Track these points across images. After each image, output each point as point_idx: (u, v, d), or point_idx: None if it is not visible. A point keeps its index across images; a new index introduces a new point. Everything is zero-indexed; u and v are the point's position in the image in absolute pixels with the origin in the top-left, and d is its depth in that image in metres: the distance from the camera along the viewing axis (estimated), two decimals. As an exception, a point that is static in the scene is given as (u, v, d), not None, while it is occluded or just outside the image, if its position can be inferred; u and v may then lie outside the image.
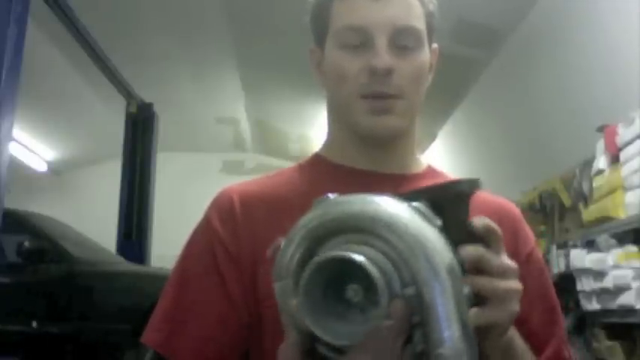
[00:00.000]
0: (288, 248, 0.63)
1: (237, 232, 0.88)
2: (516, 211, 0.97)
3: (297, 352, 0.61)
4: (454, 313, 0.59)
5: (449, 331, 0.59)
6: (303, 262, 0.61)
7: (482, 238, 0.65)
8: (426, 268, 0.59)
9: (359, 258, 0.58)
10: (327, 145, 0.98)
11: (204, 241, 0.90)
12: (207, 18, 6.01)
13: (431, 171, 0.99)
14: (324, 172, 0.95)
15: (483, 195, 0.94)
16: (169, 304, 0.88)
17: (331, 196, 0.64)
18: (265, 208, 0.90)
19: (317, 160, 0.98)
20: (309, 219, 0.63)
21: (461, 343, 0.59)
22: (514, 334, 0.77)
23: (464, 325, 0.60)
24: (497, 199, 0.97)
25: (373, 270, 0.58)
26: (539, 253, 0.95)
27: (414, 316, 0.59)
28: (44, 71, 6.30)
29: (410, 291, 0.59)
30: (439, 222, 0.62)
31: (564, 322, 0.95)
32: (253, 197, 0.91)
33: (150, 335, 0.87)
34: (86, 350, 5.04)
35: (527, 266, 0.89)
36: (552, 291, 0.95)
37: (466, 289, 0.61)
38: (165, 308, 0.88)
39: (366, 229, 0.61)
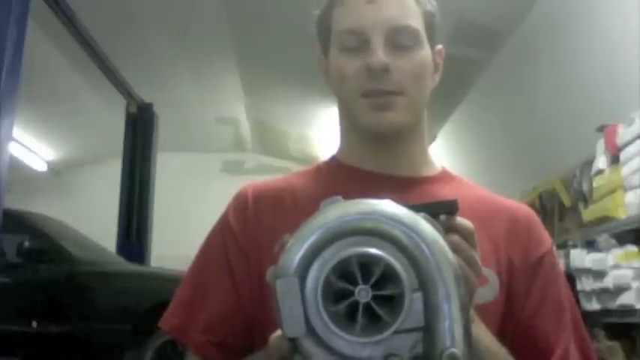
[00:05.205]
0: (294, 248, 0.63)
1: (247, 225, 0.92)
2: (532, 215, 0.97)
3: (286, 346, 0.62)
4: (460, 316, 0.61)
5: (457, 334, 0.61)
6: (309, 262, 0.62)
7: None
8: (442, 273, 0.61)
9: (383, 254, 0.59)
10: (341, 147, 1.00)
11: (220, 234, 0.94)
12: (207, 18, 6.01)
13: (445, 175, 0.99)
14: (337, 175, 0.97)
15: (499, 199, 0.96)
16: (186, 292, 0.94)
17: (339, 198, 0.65)
18: (274, 205, 0.93)
19: (332, 162, 1.00)
20: (317, 220, 0.64)
21: (465, 345, 0.61)
22: (482, 334, 0.77)
23: (467, 328, 0.63)
24: (513, 203, 0.97)
25: (397, 265, 0.59)
26: (553, 257, 0.94)
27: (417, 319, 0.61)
28: (44, 71, 6.30)
29: (418, 294, 0.61)
30: (442, 231, 0.65)
31: (582, 328, 0.93)
32: (267, 193, 0.95)
33: (167, 319, 0.93)
34: (86, 350, 5.04)
35: (537, 269, 0.90)
36: (564, 296, 0.92)
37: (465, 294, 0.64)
38: (182, 296, 0.94)
39: (381, 231, 0.61)
